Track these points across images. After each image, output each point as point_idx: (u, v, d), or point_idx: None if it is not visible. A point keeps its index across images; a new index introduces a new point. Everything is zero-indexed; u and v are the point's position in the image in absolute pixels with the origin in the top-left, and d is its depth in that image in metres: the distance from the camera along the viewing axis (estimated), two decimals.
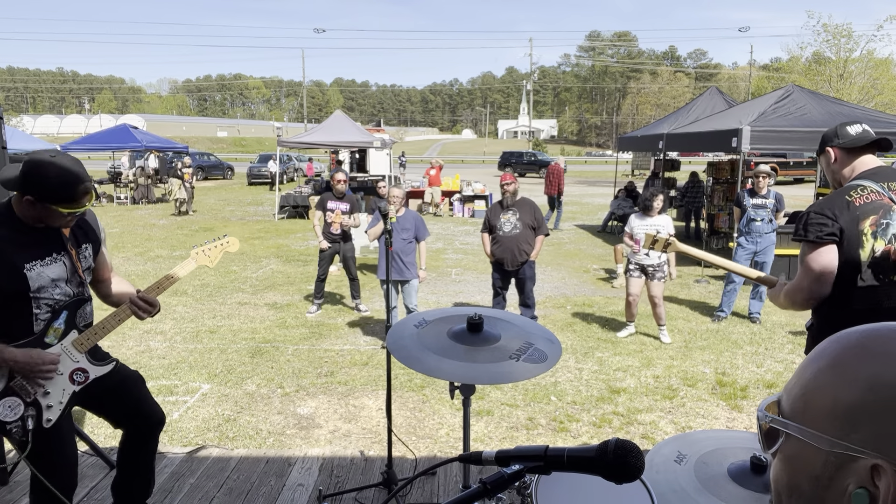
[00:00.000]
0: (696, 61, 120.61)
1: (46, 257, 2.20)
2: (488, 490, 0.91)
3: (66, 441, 2.31)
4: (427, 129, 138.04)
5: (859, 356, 0.59)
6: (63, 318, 2.25)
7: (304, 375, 5.27)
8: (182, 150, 22.47)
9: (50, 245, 2.22)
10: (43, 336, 2.21)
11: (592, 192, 26.05)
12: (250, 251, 11.30)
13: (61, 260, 2.24)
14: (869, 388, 0.56)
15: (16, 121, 60.04)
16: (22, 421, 2.14)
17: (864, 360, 0.58)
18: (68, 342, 2.27)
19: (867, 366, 0.58)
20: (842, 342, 0.62)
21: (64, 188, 2.10)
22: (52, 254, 2.22)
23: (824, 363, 0.62)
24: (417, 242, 5.81)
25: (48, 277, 2.19)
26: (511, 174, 6.38)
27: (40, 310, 2.19)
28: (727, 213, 11.48)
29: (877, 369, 0.57)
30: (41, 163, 2.10)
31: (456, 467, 3.51)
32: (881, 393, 0.55)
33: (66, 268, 2.25)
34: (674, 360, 5.72)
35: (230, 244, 2.70)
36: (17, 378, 2.15)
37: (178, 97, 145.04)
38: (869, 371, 0.57)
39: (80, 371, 2.29)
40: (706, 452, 1.60)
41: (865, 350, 0.59)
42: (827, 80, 29.34)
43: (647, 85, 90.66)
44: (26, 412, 2.15)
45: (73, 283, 2.28)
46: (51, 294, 2.20)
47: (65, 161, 2.14)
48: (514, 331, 2.29)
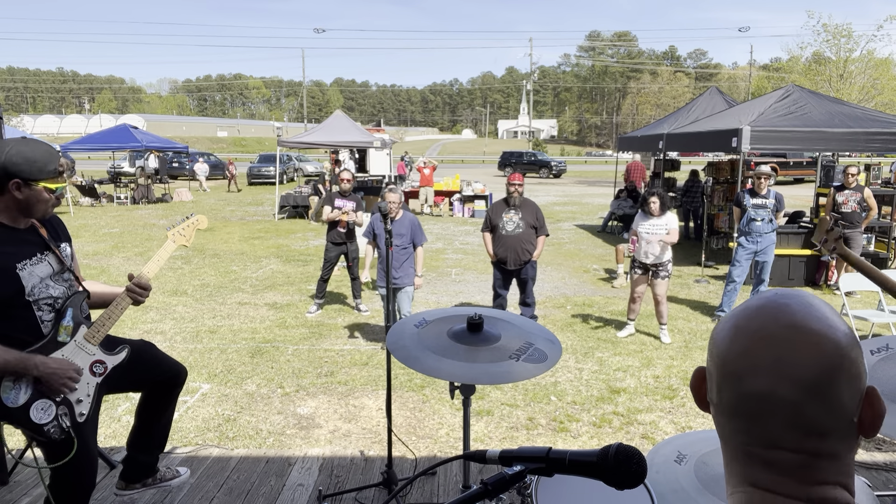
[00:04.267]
0: (696, 61, 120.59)
1: (33, 257, 2.21)
2: (489, 491, 0.91)
3: (90, 441, 2.33)
4: (427, 129, 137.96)
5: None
6: (70, 315, 2.27)
7: (304, 375, 5.27)
8: (182, 149, 22.47)
9: (34, 245, 2.24)
10: (55, 336, 2.23)
11: (592, 192, 26.05)
12: (250, 251, 11.30)
13: (46, 259, 2.26)
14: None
15: (16, 121, 59.96)
16: (57, 420, 2.17)
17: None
18: (80, 337, 2.30)
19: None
20: None
21: (50, 162, 2.16)
22: (36, 253, 2.23)
23: None
24: (414, 248, 5.65)
25: (38, 276, 2.20)
26: (520, 175, 6.38)
27: (42, 311, 2.20)
28: (727, 213, 11.48)
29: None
30: (19, 144, 2.15)
31: (456, 467, 3.51)
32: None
33: (52, 267, 2.27)
34: (674, 360, 5.72)
35: (199, 221, 2.78)
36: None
37: (178, 97, 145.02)
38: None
39: (98, 363, 2.34)
40: (706, 452, 1.60)
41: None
42: (827, 80, 29.35)
43: (647, 85, 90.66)
44: (59, 411, 2.18)
45: (62, 280, 2.30)
46: (45, 293, 2.21)
47: (36, 141, 2.21)
48: (514, 331, 2.29)
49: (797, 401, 0.65)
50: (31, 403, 2.12)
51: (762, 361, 0.66)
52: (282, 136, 17.55)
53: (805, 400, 0.65)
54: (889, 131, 8.49)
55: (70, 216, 15.93)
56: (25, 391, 2.11)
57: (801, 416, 0.65)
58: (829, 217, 2.61)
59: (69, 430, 2.19)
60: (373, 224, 5.62)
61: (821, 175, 13.76)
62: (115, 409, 4.48)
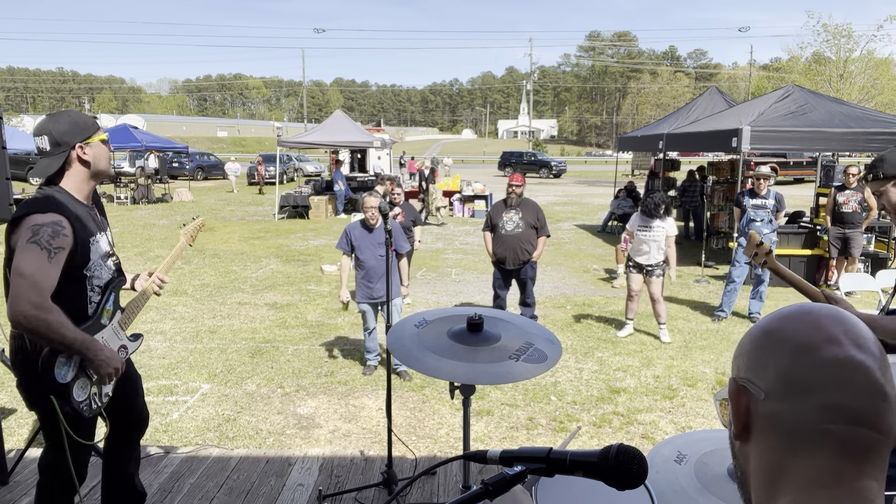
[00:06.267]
0: (696, 61, 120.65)
1: (98, 233, 2.33)
2: (490, 491, 0.91)
3: (93, 430, 2.40)
4: (427, 129, 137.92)
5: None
6: (112, 299, 2.38)
7: (304, 375, 5.27)
8: (182, 149, 22.46)
9: (96, 223, 2.35)
10: (99, 318, 2.32)
11: (592, 192, 26.05)
12: (250, 251, 11.30)
13: (105, 236, 2.39)
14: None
15: (16, 121, 59.86)
16: (90, 400, 2.27)
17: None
18: (116, 321, 2.41)
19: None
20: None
21: (88, 118, 2.32)
22: (98, 231, 2.34)
23: None
24: (398, 257, 5.12)
25: (97, 254, 2.30)
26: (521, 176, 6.37)
27: (93, 292, 2.30)
28: (727, 213, 11.48)
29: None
30: (53, 119, 2.25)
31: (456, 467, 3.51)
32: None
33: (106, 248, 2.38)
34: (674, 360, 5.72)
35: (202, 225, 3.02)
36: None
37: (178, 97, 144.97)
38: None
39: (122, 348, 2.45)
40: (706, 452, 1.60)
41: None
42: (827, 80, 29.35)
43: (647, 85, 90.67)
44: (92, 390, 2.28)
45: (111, 262, 2.41)
46: (98, 273, 2.31)
47: (62, 111, 2.35)
48: (514, 331, 2.29)
49: (871, 366, 0.67)
50: (75, 381, 2.20)
51: (835, 332, 0.69)
52: (282, 136, 17.56)
53: (875, 366, 0.67)
54: (889, 131, 8.49)
55: None
56: (72, 369, 2.18)
57: (875, 382, 0.66)
58: (755, 231, 2.72)
59: (99, 408, 2.31)
60: (350, 233, 5.04)
61: (821, 175, 13.76)
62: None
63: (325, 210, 16.49)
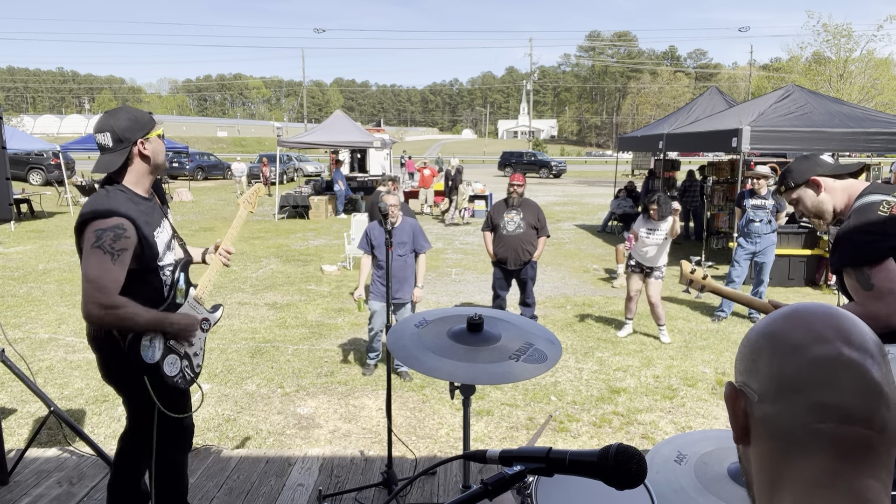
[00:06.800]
0: (696, 61, 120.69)
1: (160, 224, 2.39)
2: (489, 491, 0.91)
3: (187, 403, 2.58)
4: (427, 129, 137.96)
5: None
6: (182, 279, 2.49)
7: (304, 375, 5.27)
8: (182, 149, 22.46)
9: (158, 213, 2.42)
10: (174, 299, 2.43)
11: (592, 192, 26.06)
12: (250, 251, 11.30)
13: (167, 221, 2.47)
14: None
15: (16, 121, 59.83)
16: (182, 372, 2.41)
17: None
18: (191, 298, 2.53)
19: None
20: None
21: (144, 113, 2.38)
22: (161, 221, 2.41)
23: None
24: (416, 256, 5.16)
25: (163, 242, 2.39)
26: (522, 176, 6.37)
27: (166, 276, 2.40)
28: (727, 213, 11.48)
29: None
30: (111, 115, 2.32)
31: (456, 467, 3.51)
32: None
33: (170, 233, 2.46)
34: (674, 360, 5.72)
35: (259, 189, 3.06)
36: (171, 339, 2.37)
37: (178, 97, 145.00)
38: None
39: (205, 321, 2.58)
40: (706, 452, 1.60)
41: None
42: (827, 80, 29.34)
43: (647, 85, 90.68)
44: (183, 364, 2.42)
45: (176, 245, 2.51)
46: (167, 259, 2.40)
47: (118, 107, 2.39)
48: (514, 331, 2.29)
49: (863, 363, 0.66)
50: (164, 359, 2.32)
51: (824, 330, 0.68)
52: (282, 136, 17.56)
53: (870, 363, 0.66)
54: (889, 131, 8.49)
55: (70, 216, 15.92)
56: (159, 348, 2.31)
57: (869, 379, 0.65)
58: (686, 261, 2.74)
59: (192, 379, 2.46)
60: (370, 233, 5.11)
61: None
62: (115, 409, 4.48)
63: (325, 210, 16.49)
